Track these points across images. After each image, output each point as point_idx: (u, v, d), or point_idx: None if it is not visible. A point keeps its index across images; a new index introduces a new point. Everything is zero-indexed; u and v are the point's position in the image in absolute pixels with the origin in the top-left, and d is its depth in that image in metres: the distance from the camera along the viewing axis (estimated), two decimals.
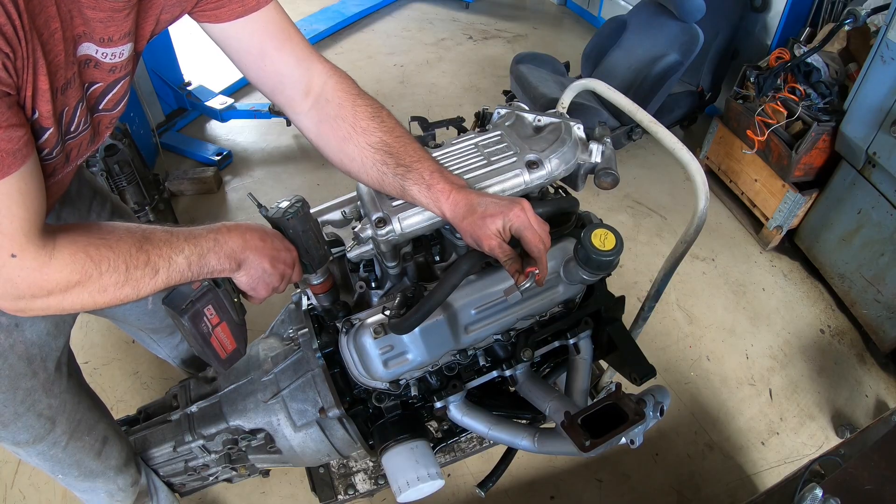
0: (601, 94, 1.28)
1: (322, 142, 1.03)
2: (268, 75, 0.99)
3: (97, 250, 0.73)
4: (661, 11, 2.90)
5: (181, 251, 0.81)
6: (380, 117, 1.01)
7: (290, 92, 1.01)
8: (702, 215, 1.13)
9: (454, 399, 1.20)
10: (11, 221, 0.65)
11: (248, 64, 0.98)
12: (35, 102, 0.67)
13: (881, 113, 2.02)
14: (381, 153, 0.98)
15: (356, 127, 0.99)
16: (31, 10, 0.61)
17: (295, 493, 1.83)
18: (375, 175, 1.00)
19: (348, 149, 1.00)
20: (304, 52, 0.99)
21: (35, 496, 1.81)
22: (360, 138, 0.99)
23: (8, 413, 1.00)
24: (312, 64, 1.00)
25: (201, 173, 2.86)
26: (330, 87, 1.01)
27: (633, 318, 1.41)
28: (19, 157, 0.63)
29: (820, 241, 2.50)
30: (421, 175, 0.97)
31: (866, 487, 1.15)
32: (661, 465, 1.94)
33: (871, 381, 2.23)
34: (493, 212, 0.93)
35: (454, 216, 0.97)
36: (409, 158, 0.98)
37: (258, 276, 0.93)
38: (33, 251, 0.67)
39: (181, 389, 1.41)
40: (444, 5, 4.83)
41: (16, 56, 0.61)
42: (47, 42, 0.65)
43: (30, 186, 0.66)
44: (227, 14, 0.92)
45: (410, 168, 0.97)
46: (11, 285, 0.69)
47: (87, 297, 0.74)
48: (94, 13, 0.71)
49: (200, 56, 3.52)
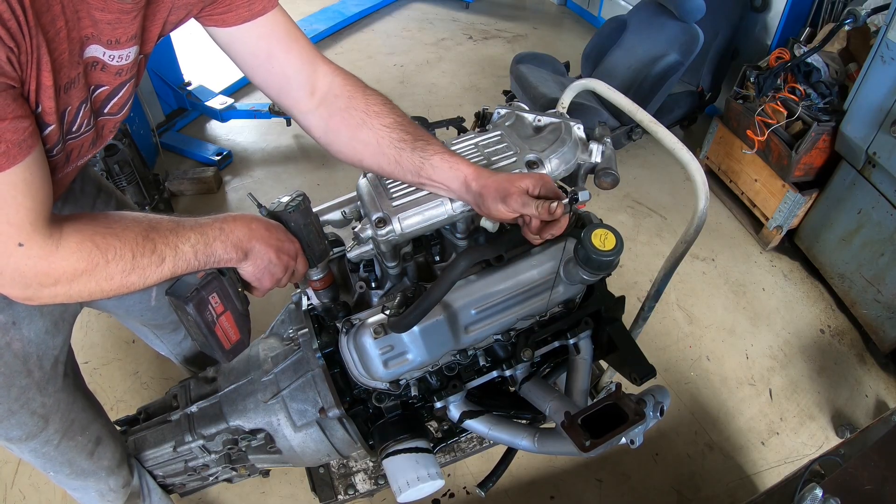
0: (601, 94, 1.28)
1: (332, 136, 1.04)
2: (274, 77, 1.00)
3: (104, 239, 0.73)
4: (661, 11, 2.90)
5: (187, 240, 0.82)
6: (390, 105, 1.04)
7: (297, 93, 1.02)
8: (702, 215, 1.14)
9: (454, 399, 1.20)
10: (18, 211, 0.65)
11: (254, 67, 0.99)
12: (38, 97, 0.68)
13: (881, 113, 2.02)
14: (397, 131, 1.01)
15: (369, 111, 1.02)
16: (36, 8, 0.62)
17: (295, 493, 1.83)
18: (392, 154, 1.02)
19: (362, 135, 1.02)
20: (309, 53, 1.01)
21: (35, 496, 1.81)
22: (375, 120, 1.01)
23: (1, 409, 1.01)
24: (318, 65, 1.02)
25: (201, 173, 2.86)
26: (337, 84, 1.03)
27: (633, 318, 1.41)
28: (24, 148, 0.64)
29: (820, 241, 2.50)
30: (441, 146, 1.02)
31: (866, 487, 1.15)
32: (661, 465, 1.94)
33: (871, 381, 2.23)
34: (521, 175, 0.98)
35: (478, 177, 0.99)
36: (425, 135, 1.03)
37: (264, 266, 0.93)
38: (40, 240, 0.68)
39: (181, 389, 1.41)
40: (444, 5, 4.83)
41: (20, 50, 0.62)
42: (52, 39, 0.66)
43: (35, 177, 0.67)
44: (234, 18, 0.92)
45: (429, 142, 1.02)
46: (19, 274, 0.69)
47: (94, 285, 0.74)
48: (103, 14, 0.72)
49: (200, 56, 3.52)
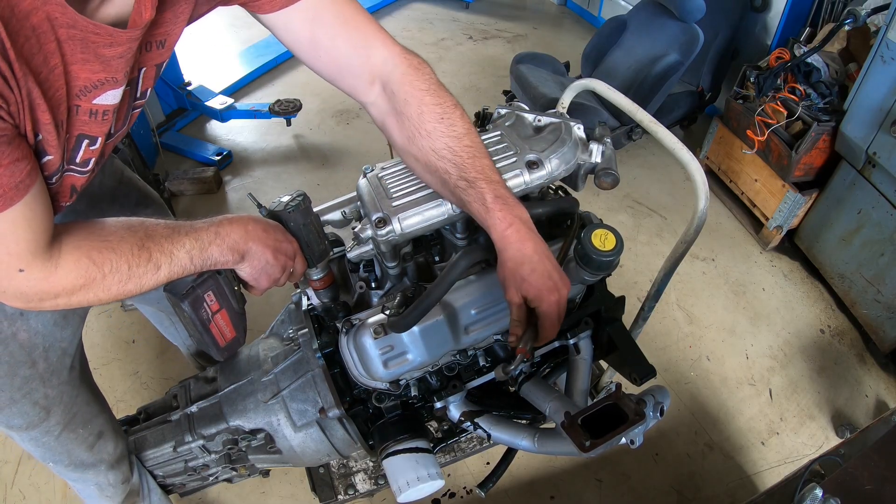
0: (601, 94, 1.28)
1: (387, 134, 1.00)
2: (324, 64, 0.94)
3: (100, 254, 0.76)
4: (661, 11, 2.90)
5: (182, 246, 0.83)
6: (449, 120, 0.93)
7: (352, 81, 0.96)
8: (702, 215, 1.13)
9: (454, 399, 1.20)
10: (18, 244, 0.68)
11: (301, 53, 0.94)
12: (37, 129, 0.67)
13: (881, 113, 2.02)
14: (444, 161, 0.92)
15: (420, 130, 0.93)
16: (26, 53, 0.60)
17: (295, 493, 1.83)
18: (436, 182, 0.96)
19: (412, 149, 0.96)
20: (362, 38, 0.92)
21: (35, 496, 1.81)
22: (424, 142, 0.93)
23: (4, 397, 1.01)
24: (373, 51, 0.93)
25: (201, 173, 2.86)
26: (396, 79, 0.94)
27: (633, 318, 1.41)
28: (22, 189, 0.64)
29: (820, 241, 2.50)
30: (482, 195, 0.90)
31: (866, 487, 1.15)
32: (661, 465, 1.94)
33: (871, 381, 2.23)
34: (534, 282, 0.89)
35: (501, 249, 0.92)
36: (473, 173, 0.91)
37: (261, 266, 0.94)
38: (40, 265, 0.71)
39: (181, 389, 1.41)
40: (444, 5, 4.83)
41: (9, 103, 0.60)
42: (46, 79, 0.64)
43: (35, 212, 0.68)
44: (269, 5, 0.87)
45: (473, 184, 0.91)
46: (21, 292, 0.73)
47: (93, 296, 0.78)
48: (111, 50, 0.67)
49: (200, 56, 3.53)
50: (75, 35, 0.63)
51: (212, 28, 4.27)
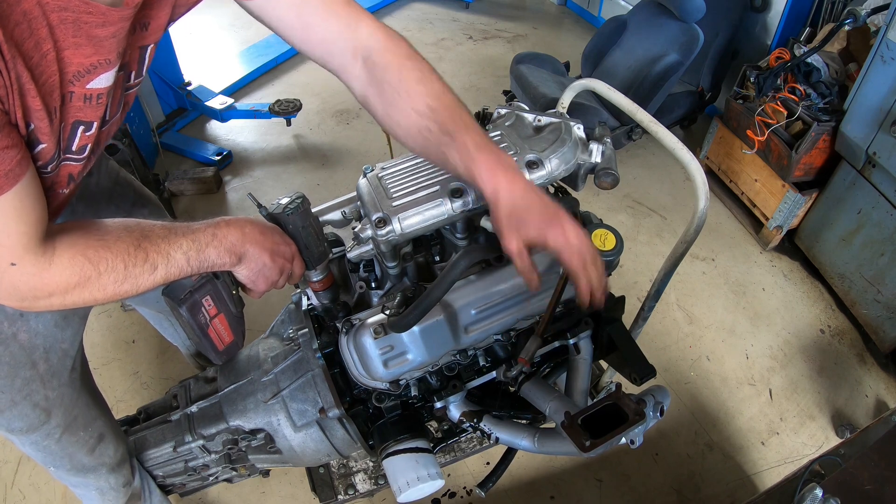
0: (601, 94, 1.28)
1: (369, 106, 0.99)
2: (314, 45, 0.95)
3: (95, 252, 0.74)
4: (660, 11, 2.90)
5: (179, 247, 0.82)
6: (428, 80, 0.94)
7: (340, 59, 0.96)
8: (702, 215, 1.14)
9: (454, 399, 1.20)
10: (9, 236, 0.67)
11: (292, 37, 0.95)
12: (28, 118, 0.66)
13: (881, 113, 2.02)
14: (425, 118, 0.92)
15: (401, 92, 0.93)
16: (17, 37, 0.60)
17: (295, 493, 1.83)
18: (420, 142, 0.96)
19: (393, 114, 0.96)
20: (348, 14, 0.94)
21: (35, 496, 1.81)
22: (405, 103, 0.93)
23: (4, 400, 1.01)
24: (359, 24, 0.95)
25: (201, 173, 2.86)
26: (378, 49, 0.95)
27: (633, 318, 1.42)
28: (12, 177, 0.64)
29: (820, 241, 2.50)
30: (465, 146, 0.90)
31: (866, 487, 1.15)
32: (661, 465, 1.94)
33: (871, 381, 2.23)
34: (532, 219, 0.87)
35: (491, 194, 0.90)
36: (453, 125, 0.91)
37: (258, 269, 0.93)
38: (32, 259, 0.70)
39: (181, 389, 1.41)
40: (444, 5, 4.83)
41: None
42: (38, 65, 0.63)
43: (25, 203, 0.67)
44: None
45: (455, 137, 0.90)
46: (14, 289, 0.72)
47: (88, 296, 0.76)
48: (104, 30, 0.68)
49: (200, 56, 3.53)
50: (67, 18, 0.63)
51: (212, 28, 4.28)
